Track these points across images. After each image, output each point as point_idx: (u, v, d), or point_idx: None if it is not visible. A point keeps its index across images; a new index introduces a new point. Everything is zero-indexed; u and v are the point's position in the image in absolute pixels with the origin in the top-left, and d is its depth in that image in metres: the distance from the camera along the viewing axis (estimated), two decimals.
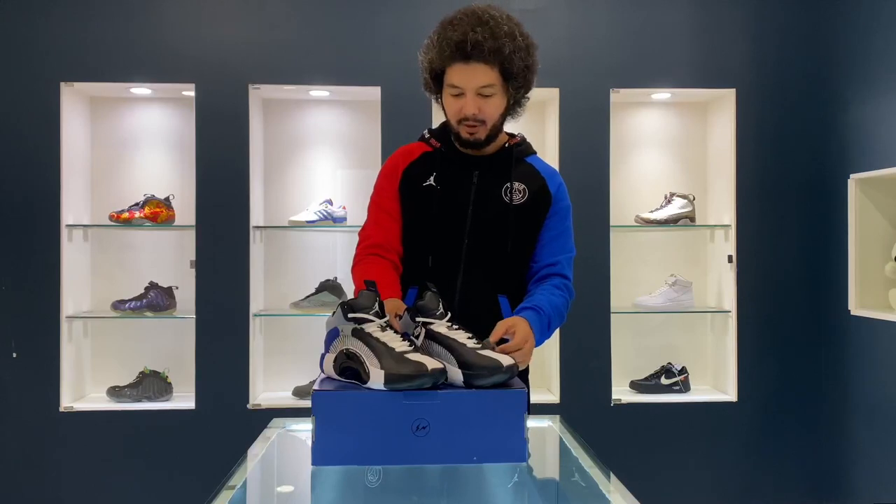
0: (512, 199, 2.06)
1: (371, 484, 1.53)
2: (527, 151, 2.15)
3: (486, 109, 1.98)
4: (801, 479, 3.78)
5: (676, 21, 3.77)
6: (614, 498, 1.49)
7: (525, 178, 2.09)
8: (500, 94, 1.99)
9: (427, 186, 2.05)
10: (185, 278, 3.74)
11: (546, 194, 2.11)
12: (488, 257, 2.04)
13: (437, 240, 2.03)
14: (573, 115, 3.70)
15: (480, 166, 2.07)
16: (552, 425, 2.04)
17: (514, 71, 1.96)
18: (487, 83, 1.95)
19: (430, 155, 2.09)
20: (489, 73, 1.94)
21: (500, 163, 2.09)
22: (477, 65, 1.93)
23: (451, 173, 2.06)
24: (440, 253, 2.03)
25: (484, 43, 1.90)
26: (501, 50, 1.92)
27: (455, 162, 2.07)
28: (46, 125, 3.57)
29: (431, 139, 2.12)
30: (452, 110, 2.01)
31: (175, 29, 3.66)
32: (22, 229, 3.59)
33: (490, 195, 2.05)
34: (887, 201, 3.32)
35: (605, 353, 3.71)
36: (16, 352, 3.58)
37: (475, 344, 1.66)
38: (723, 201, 3.85)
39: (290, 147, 3.95)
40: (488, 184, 2.06)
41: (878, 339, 3.39)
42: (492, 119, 2.00)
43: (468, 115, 1.97)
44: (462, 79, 1.95)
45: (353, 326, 1.63)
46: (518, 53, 1.95)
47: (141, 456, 3.60)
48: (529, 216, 2.08)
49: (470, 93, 1.96)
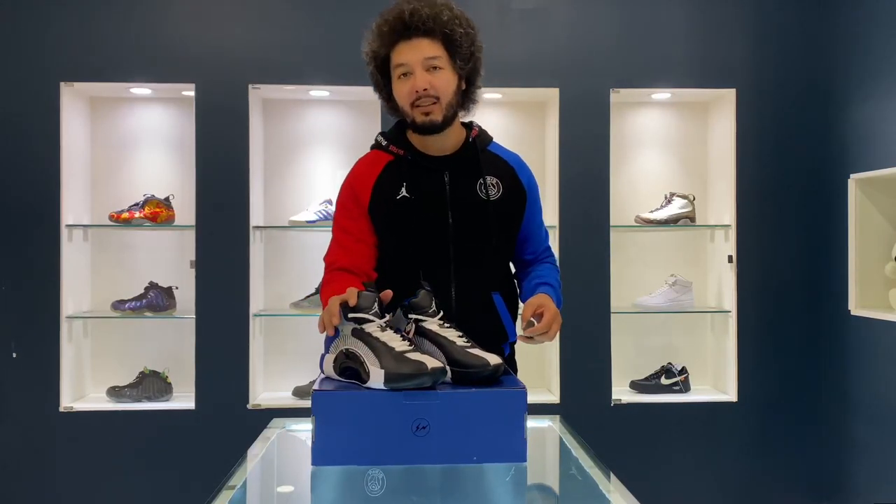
0: (488, 195, 2.02)
1: (373, 493, 1.53)
2: (487, 140, 2.12)
3: (436, 83, 1.93)
4: (801, 479, 3.78)
5: (676, 21, 3.77)
6: (614, 498, 1.49)
7: (495, 171, 2.06)
8: (449, 69, 1.95)
9: (401, 199, 1.98)
10: (185, 278, 3.74)
11: (519, 185, 2.09)
12: (476, 257, 2.01)
13: (423, 250, 1.98)
14: (573, 115, 3.70)
15: (449, 166, 2.02)
16: (552, 425, 2.04)
17: (456, 40, 1.93)
18: (433, 54, 1.92)
19: (394, 164, 2.02)
20: (433, 45, 1.92)
21: (467, 159, 2.04)
22: (419, 39, 1.92)
23: (422, 180, 2.00)
24: (428, 262, 1.97)
25: (421, 11, 1.90)
26: (440, 16, 1.91)
27: (423, 167, 2.01)
28: (46, 125, 3.57)
29: (391, 146, 2.05)
30: (403, 93, 1.96)
31: (175, 29, 3.66)
32: (22, 229, 3.59)
33: (465, 195, 2.01)
34: (887, 201, 3.32)
35: (605, 353, 3.71)
36: (16, 352, 3.58)
37: (465, 342, 1.68)
38: (723, 201, 3.85)
39: (290, 147, 3.95)
40: (461, 183, 2.02)
41: (877, 339, 3.39)
42: (445, 96, 1.94)
43: (419, 89, 1.92)
44: (407, 55, 1.93)
45: (353, 326, 1.63)
46: (457, 21, 1.94)
47: (141, 456, 3.60)
48: (507, 209, 2.06)
49: (418, 67, 1.92)
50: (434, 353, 1.65)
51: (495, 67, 3.73)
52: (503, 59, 3.72)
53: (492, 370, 1.61)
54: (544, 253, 2.19)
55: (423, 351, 1.62)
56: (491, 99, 3.95)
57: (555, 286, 2.08)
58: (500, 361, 1.63)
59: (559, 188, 3.70)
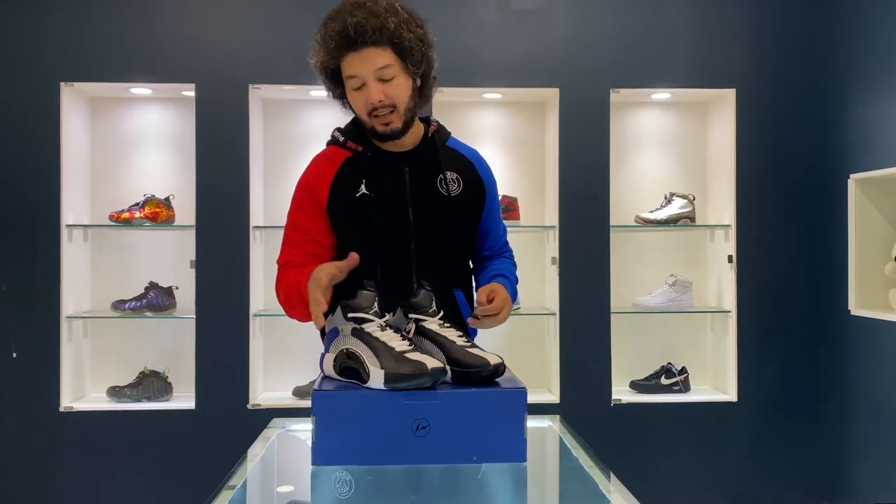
0: (449, 191, 2.00)
1: (373, 493, 1.52)
2: (446, 135, 2.09)
3: (392, 93, 1.89)
4: (801, 478, 3.78)
5: (676, 21, 3.77)
6: (614, 498, 1.49)
7: (455, 167, 2.04)
8: (403, 75, 1.89)
9: (361, 196, 1.94)
10: (185, 278, 3.74)
11: (479, 181, 2.07)
12: (437, 254, 1.99)
13: (384, 247, 1.94)
14: (573, 115, 3.70)
15: (409, 162, 1.99)
16: (552, 425, 2.04)
17: (406, 45, 1.87)
18: (384, 64, 1.87)
19: (353, 161, 1.99)
20: (383, 54, 1.86)
21: (426, 155, 2.02)
22: (367, 49, 1.85)
23: (382, 176, 1.96)
24: (389, 260, 1.95)
25: (366, 23, 1.83)
26: (386, 26, 1.84)
27: (382, 163, 1.97)
28: (46, 125, 3.57)
29: (349, 142, 2.01)
30: (360, 104, 1.93)
31: (175, 29, 3.66)
32: (22, 229, 3.59)
33: (426, 191, 1.98)
34: (887, 201, 3.32)
35: (605, 353, 3.71)
36: (16, 352, 3.58)
37: (465, 342, 1.67)
38: (723, 201, 3.85)
39: (290, 147, 3.95)
40: (422, 179, 1.99)
41: (878, 339, 3.40)
42: (402, 102, 1.90)
43: (375, 102, 1.88)
44: (357, 67, 1.87)
45: (352, 326, 1.63)
46: (405, 26, 1.87)
47: (141, 456, 3.60)
48: (468, 205, 2.03)
49: (370, 79, 1.87)
50: (434, 353, 1.65)
51: (495, 67, 3.78)
52: (503, 59, 3.73)
53: (492, 370, 1.61)
54: (502, 248, 2.17)
55: (423, 351, 1.62)
56: (491, 99, 3.95)
57: (510, 279, 2.06)
58: (501, 361, 1.63)
59: (559, 188, 3.70)
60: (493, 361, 1.61)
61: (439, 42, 2.00)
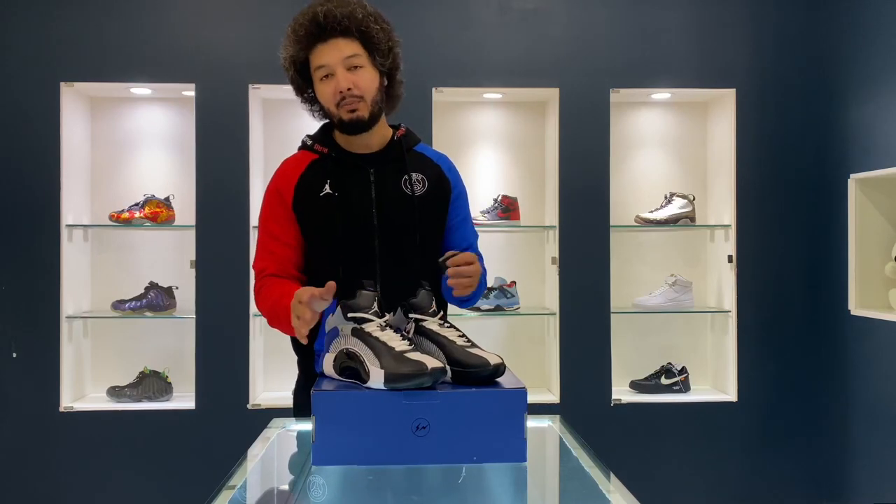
0: (413, 191, 2.02)
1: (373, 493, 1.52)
2: (414, 141, 2.11)
3: (359, 82, 1.94)
4: (801, 478, 3.78)
5: (676, 21, 3.78)
6: (614, 498, 1.49)
7: (421, 168, 2.06)
8: (370, 67, 1.96)
9: (325, 196, 1.98)
10: (185, 278, 3.74)
11: (444, 181, 2.08)
12: (401, 254, 2.00)
13: (348, 247, 1.96)
14: (573, 115, 3.70)
15: (374, 163, 2.02)
16: (552, 425, 2.03)
17: (373, 36, 1.94)
18: (352, 53, 1.93)
19: (318, 162, 2.02)
20: (351, 44, 1.93)
21: (392, 156, 2.04)
22: (336, 40, 1.93)
23: (347, 176, 2.00)
24: (353, 259, 1.96)
25: (335, 11, 1.91)
26: (354, 15, 1.92)
27: (348, 164, 2.01)
28: (46, 125, 3.57)
29: (315, 145, 2.05)
30: (327, 94, 1.97)
31: (175, 29, 3.66)
32: (22, 229, 3.59)
33: (391, 191, 2.00)
34: (887, 201, 3.32)
35: (605, 353, 3.71)
36: (16, 352, 3.58)
37: (465, 342, 1.68)
38: (723, 201, 3.85)
39: (290, 147, 3.89)
40: (386, 179, 2.01)
41: (877, 339, 3.40)
42: (369, 93, 1.95)
43: (342, 89, 1.92)
44: (326, 56, 1.93)
45: (352, 326, 1.63)
46: (372, 18, 1.95)
47: (141, 456, 3.60)
48: (433, 205, 2.04)
49: (339, 67, 1.93)
50: (434, 353, 1.65)
51: (495, 67, 3.78)
52: (503, 59, 3.73)
53: (492, 370, 1.61)
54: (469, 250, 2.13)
55: (423, 350, 1.62)
56: (491, 99, 3.95)
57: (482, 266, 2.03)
58: (501, 361, 1.63)
59: (559, 188, 3.70)
60: (493, 361, 1.62)
61: (439, 42, 2.01)
